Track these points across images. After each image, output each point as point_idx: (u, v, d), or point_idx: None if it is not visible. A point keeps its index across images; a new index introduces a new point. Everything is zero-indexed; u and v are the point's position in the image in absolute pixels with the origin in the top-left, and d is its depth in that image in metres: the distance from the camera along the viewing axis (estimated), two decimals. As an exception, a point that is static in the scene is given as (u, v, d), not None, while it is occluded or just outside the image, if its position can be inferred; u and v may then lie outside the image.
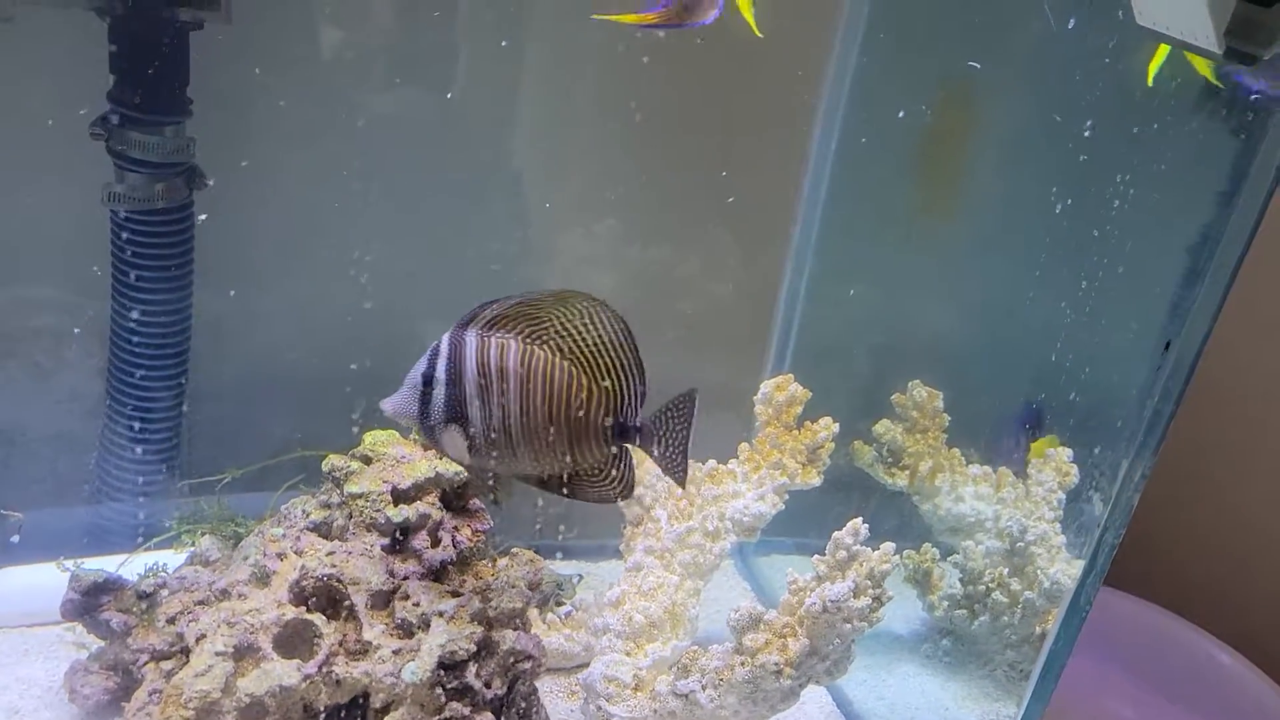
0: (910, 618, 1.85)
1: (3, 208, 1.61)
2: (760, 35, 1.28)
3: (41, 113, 1.60)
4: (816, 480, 1.60)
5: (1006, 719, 1.69)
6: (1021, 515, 1.66)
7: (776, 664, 1.32)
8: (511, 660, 1.35)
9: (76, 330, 1.76)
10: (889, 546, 1.34)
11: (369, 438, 1.41)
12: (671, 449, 1.21)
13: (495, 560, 1.44)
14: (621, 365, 1.19)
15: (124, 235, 1.64)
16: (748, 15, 1.26)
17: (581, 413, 1.18)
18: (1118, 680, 1.95)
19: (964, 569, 1.73)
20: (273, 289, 1.79)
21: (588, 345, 1.18)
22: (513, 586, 1.37)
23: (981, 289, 1.75)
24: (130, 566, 1.45)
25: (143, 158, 1.60)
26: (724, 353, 1.99)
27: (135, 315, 1.67)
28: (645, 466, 1.53)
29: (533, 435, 1.19)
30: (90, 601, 1.31)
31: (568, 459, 1.21)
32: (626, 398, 1.20)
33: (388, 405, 1.22)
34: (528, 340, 1.17)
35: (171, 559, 1.47)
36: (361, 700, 1.29)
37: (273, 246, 1.78)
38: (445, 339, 1.18)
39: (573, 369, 1.18)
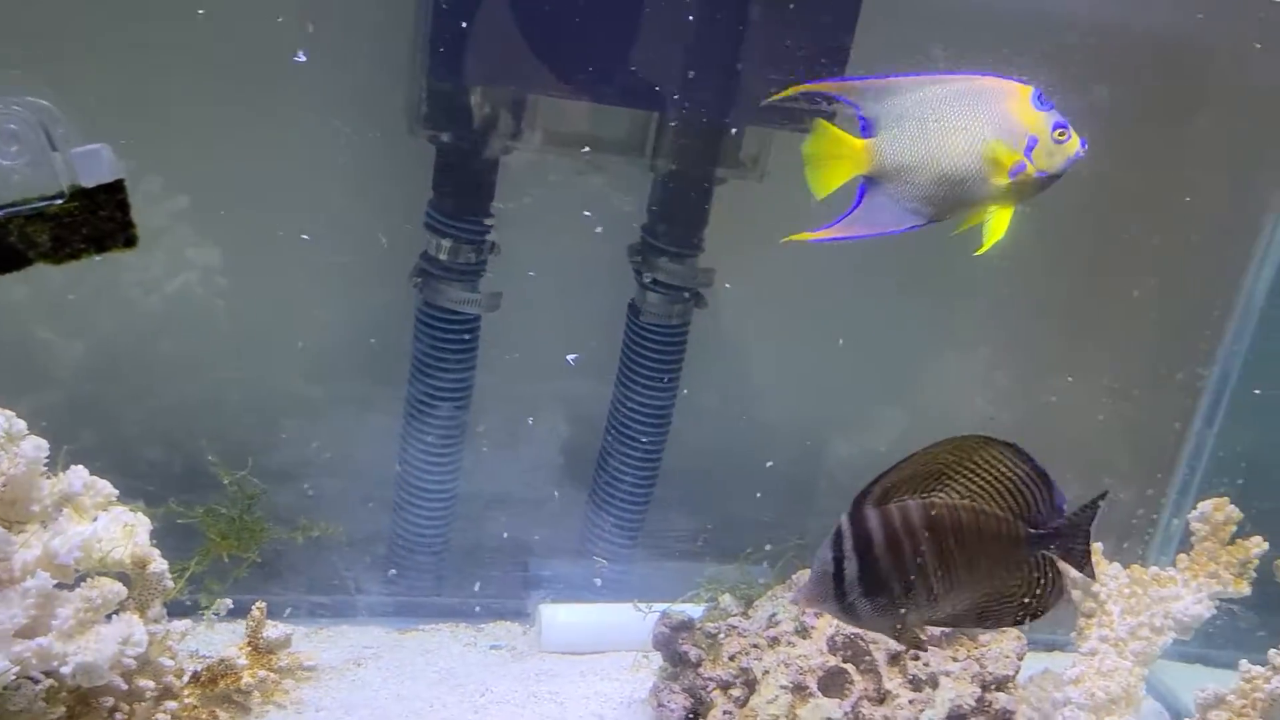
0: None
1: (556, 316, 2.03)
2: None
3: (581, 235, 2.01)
4: (1246, 590, 1.80)
5: None
6: None
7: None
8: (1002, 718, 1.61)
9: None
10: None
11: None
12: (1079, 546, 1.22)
13: (977, 636, 1.71)
14: (1025, 482, 1.19)
15: (637, 340, 2.03)
16: None
17: (998, 544, 1.19)
18: None
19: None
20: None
21: (987, 480, 1.19)
22: (1005, 657, 1.64)
23: None
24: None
25: (667, 281, 1.99)
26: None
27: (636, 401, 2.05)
28: (1100, 568, 1.77)
29: (958, 585, 1.19)
30: (675, 636, 1.65)
31: (990, 587, 1.21)
32: (1038, 507, 1.21)
33: (800, 595, 1.24)
34: (926, 495, 1.19)
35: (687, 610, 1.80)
36: (885, 739, 1.58)
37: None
38: (845, 518, 1.19)
39: (979, 507, 1.19)
